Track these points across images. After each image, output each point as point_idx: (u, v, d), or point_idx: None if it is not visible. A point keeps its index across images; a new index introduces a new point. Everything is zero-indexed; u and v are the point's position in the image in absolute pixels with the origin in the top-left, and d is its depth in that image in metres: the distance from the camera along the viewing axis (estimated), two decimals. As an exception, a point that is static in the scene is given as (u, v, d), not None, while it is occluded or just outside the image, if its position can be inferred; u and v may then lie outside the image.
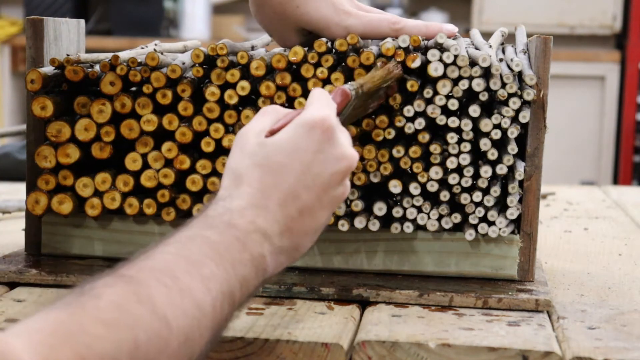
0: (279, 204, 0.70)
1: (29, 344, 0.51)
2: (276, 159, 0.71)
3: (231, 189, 0.71)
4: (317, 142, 0.71)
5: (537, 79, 0.89)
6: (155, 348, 0.56)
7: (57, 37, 0.97)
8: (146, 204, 0.92)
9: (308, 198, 0.71)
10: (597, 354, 0.73)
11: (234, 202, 0.69)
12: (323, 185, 0.72)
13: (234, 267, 0.65)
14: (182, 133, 0.91)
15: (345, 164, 0.72)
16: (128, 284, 0.58)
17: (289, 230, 0.70)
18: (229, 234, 0.67)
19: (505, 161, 0.89)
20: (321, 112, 0.72)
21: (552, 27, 3.90)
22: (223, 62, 0.91)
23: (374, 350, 0.75)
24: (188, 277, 0.61)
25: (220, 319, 0.63)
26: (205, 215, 0.68)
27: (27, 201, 0.93)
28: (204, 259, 0.63)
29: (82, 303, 0.56)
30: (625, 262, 1.08)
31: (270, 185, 0.70)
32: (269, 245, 0.69)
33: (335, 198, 0.73)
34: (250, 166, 0.71)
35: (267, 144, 0.72)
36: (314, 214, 0.72)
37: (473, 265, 0.92)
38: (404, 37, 0.91)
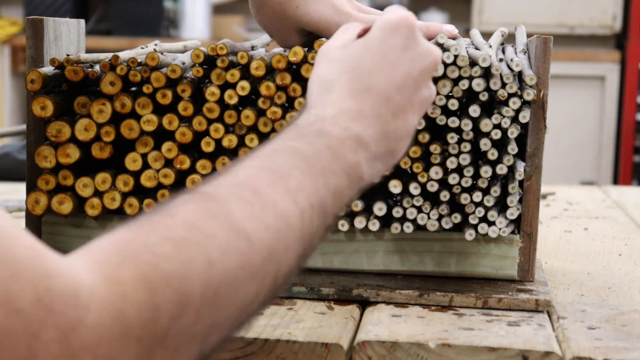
0: (373, 107, 0.69)
1: (91, 263, 0.49)
2: (365, 61, 0.70)
3: (322, 96, 0.69)
4: (403, 40, 0.71)
5: (537, 79, 0.89)
6: (234, 263, 0.54)
7: (57, 37, 0.97)
8: (146, 204, 0.93)
9: (401, 99, 0.70)
10: (597, 354, 0.73)
11: (326, 109, 0.67)
12: (413, 83, 0.71)
13: (325, 177, 0.63)
14: (182, 133, 0.91)
15: (432, 59, 0.73)
16: (204, 201, 0.56)
17: (384, 134, 0.69)
18: (319, 143, 0.64)
19: (505, 161, 0.89)
20: (401, 13, 0.72)
21: (552, 27, 3.91)
22: (223, 62, 0.91)
23: (374, 350, 0.75)
24: (271, 189, 0.59)
25: (310, 232, 0.61)
26: (296, 124, 0.66)
27: (27, 201, 0.93)
28: (290, 170, 0.61)
29: (152, 222, 0.53)
30: (625, 262, 1.08)
31: (362, 88, 0.69)
32: (364, 152, 0.67)
33: (424, 100, 0.73)
34: (339, 72, 0.70)
35: (353, 47, 0.71)
36: (406, 115, 0.71)
37: (473, 265, 0.92)
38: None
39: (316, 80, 0.71)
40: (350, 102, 0.68)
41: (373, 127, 0.68)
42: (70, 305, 0.46)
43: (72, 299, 0.46)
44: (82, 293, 0.47)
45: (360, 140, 0.67)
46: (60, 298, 0.46)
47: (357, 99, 0.68)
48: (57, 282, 0.47)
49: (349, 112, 0.67)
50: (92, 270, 0.49)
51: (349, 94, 0.69)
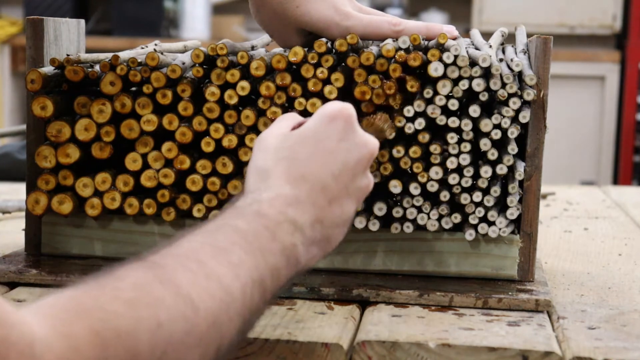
0: (309, 194, 0.70)
1: (42, 317, 0.50)
2: (301, 150, 0.71)
3: (258, 184, 0.70)
4: (340, 131, 0.72)
5: (537, 79, 0.89)
6: (180, 329, 0.55)
7: (57, 37, 0.97)
8: (146, 204, 0.93)
9: (336, 187, 0.71)
10: (597, 354, 0.73)
11: (263, 194, 0.69)
12: (349, 173, 0.72)
13: (264, 255, 0.64)
14: (182, 133, 0.91)
15: (368, 149, 0.73)
16: (150, 268, 0.57)
17: (319, 221, 0.70)
18: (258, 223, 0.66)
19: (505, 161, 0.89)
20: (340, 103, 0.73)
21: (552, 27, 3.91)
22: (223, 62, 0.91)
23: (374, 350, 0.75)
24: (215, 262, 0.60)
25: (250, 307, 0.62)
26: (234, 206, 0.68)
27: (27, 201, 0.93)
28: (231, 246, 0.62)
29: (101, 283, 0.55)
30: (625, 262, 1.08)
31: (298, 176, 0.70)
32: (300, 236, 0.68)
33: (361, 189, 0.74)
34: (275, 161, 0.71)
35: (291, 136, 0.72)
36: (342, 204, 0.72)
37: (473, 265, 0.92)
38: (404, 38, 0.91)
39: (252, 169, 0.72)
40: (286, 188, 0.69)
41: (308, 212, 0.69)
42: (25, 356, 0.47)
43: (27, 349, 0.47)
44: (37, 345, 0.48)
45: (296, 224, 0.68)
46: (16, 347, 0.47)
47: (292, 185, 0.70)
48: (13, 332, 0.47)
49: (284, 197, 0.69)
50: (45, 324, 0.50)
51: (285, 180, 0.70)
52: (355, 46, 0.91)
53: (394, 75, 0.89)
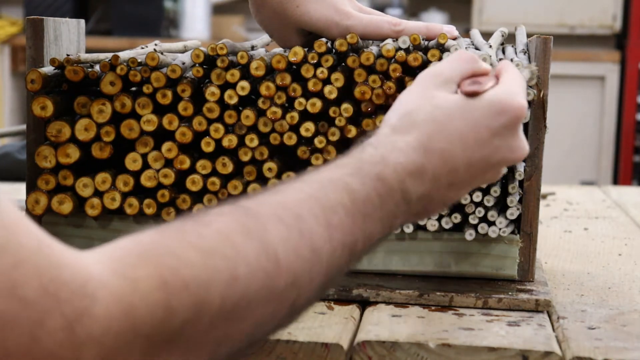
0: (435, 170, 0.67)
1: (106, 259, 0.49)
2: (457, 124, 0.68)
3: (397, 132, 0.68)
4: (501, 126, 0.69)
5: (538, 79, 0.89)
6: (257, 283, 0.54)
7: (57, 37, 0.97)
8: (146, 204, 0.93)
9: (464, 175, 0.69)
10: (597, 354, 0.73)
11: (393, 153, 0.66)
12: (484, 168, 0.70)
13: (365, 221, 0.63)
14: (182, 133, 0.91)
15: (516, 155, 0.71)
16: (243, 216, 0.56)
17: (429, 197, 0.68)
18: (373, 187, 0.64)
19: (505, 161, 0.89)
20: (520, 100, 0.70)
21: (552, 27, 3.91)
22: (223, 62, 0.91)
23: (374, 350, 0.75)
24: (313, 220, 0.59)
25: (335, 268, 0.61)
26: (359, 158, 0.65)
27: (27, 201, 0.93)
28: (337, 205, 0.61)
29: (185, 227, 0.53)
30: (625, 262, 1.08)
31: (437, 149, 0.67)
32: (404, 207, 0.66)
33: (485, 181, 0.72)
34: (429, 118, 0.68)
35: (455, 103, 0.69)
36: (460, 189, 0.70)
37: (473, 265, 0.92)
38: (404, 38, 0.91)
39: (402, 107, 0.69)
40: (418, 156, 0.67)
41: (424, 186, 0.67)
42: (77, 295, 0.46)
43: (79, 289, 0.46)
44: (90, 284, 0.47)
45: (407, 196, 0.66)
46: (66, 287, 0.46)
47: (426, 155, 0.67)
48: (64, 271, 0.46)
49: (411, 165, 0.66)
50: (106, 266, 0.48)
51: (421, 146, 0.67)
52: (355, 46, 0.91)
53: (394, 75, 0.89)
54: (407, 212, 0.67)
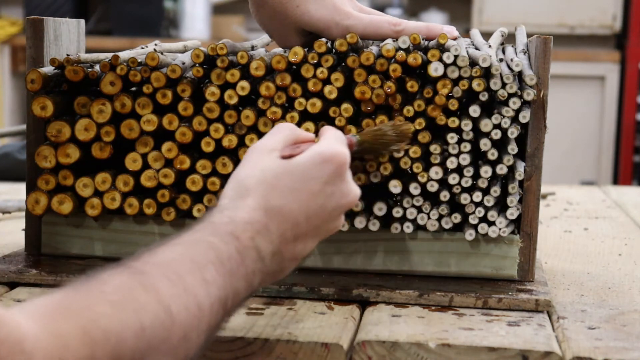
0: (279, 227, 0.71)
1: (32, 317, 0.51)
2: (286, 182, 0.72)
3: (236, 199, 0.71)
4: (329, 175, 0.73)
5: (537, 79, 0.89)
6: (159, 336, 0.57)
7: (57, 37, 0.97)
8: (146, 204, 0.93)
9: (307, 227, 0.72)
10: (597, 354, 0.73)
11: (238, 214, 0.70)
12: (324, 217, 0.73)
13: (231, 277, 0.66)
14: (182, 133, 0.91)
15: (349, 199, 0.74)
16: (134, 274, 0.59)
17: (280, 254, 0.71)
18: (231, 245, 0.67)
19: (505, 161, 0.90)
20: (338, 147, 0.74)
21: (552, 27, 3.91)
22: (223, 62, 0.91)
23: (374, 350, 0.75)
24: (191, 277, 0.62)
25: (214, 325, 0.64)
26: (211, 221, 0.69)
27: (27, 201, 0.93)
28: (207, 263, 0.64)
29: (88, 286, 0.56)
30: (625, 262, 1.08)
31: (274, 206, 0.71)
32: (260, 265, 0.69)
33: (329, 230, 0.75)
34: (259, 181, 0.71)
35: (280, 164, 0.72)
36: (306, 241, 0.73)
37: (473, 265, 0.92)
38: (404, 38, 0.91)
39: (234, 180, 0.73)
40: (260, 216, 0.70)
41: (273, 244, 0.70)
42: (16, 352, 0.48)
43: (17, 346, 0.48)
44: (26, 342, 0.49)
45: (260, 253, 0.69)
46: (5, 345, 0.48)
47: (267, 215, 0.70)
48: (1, 329, 0.48)
49: (257, 224, 0.70)
50: (35, 323, 0.50)
51: (260, 207, 0.70)
52: (355, 46, 0.91)
53: (394, 75, 0.89)
54: (264, 270, 0.70)
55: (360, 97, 0.90)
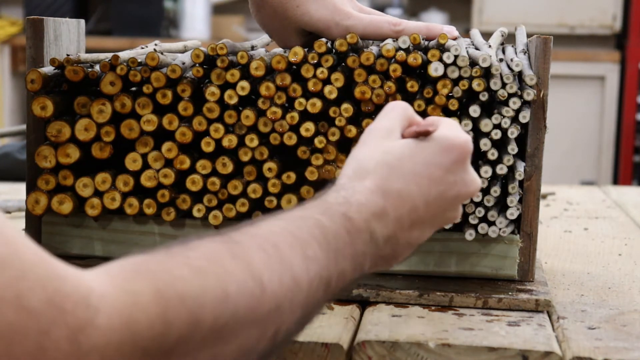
0: (396, 211, 0.69)
1: (105, 274, 0.50)
2: (408, 165, 0.70)
3: (354, 180, 0.69)
4: (452, 162, 0.71)
5: (537, 79, 0.89)
6: (246, 303, 0.55)
7: (57, 37, 0.97)
8: (146, 204, 0.93)
9: (425, 214, 0.70)
10: (597, 354, 0.73)
11: (355, 195, 0.68)
12: (443, 205, 0.71)
13: (337, 257, 0.64)
14: (182, 133, 0.91)
15: (471, 189, 0.72)
16: (226, 242, 0.58)
17: (395, 239, 0.69)
18: (341, 225, 0.65)
19: (505, 161, 0.90)
20: (463, 135, 0.72)
21: (552, 27, 3.91)
22: (223, 62, 0.91)
23: (374, 350, 0.75)
24: (290, 251, 0.60)
25: (313, 302, 0.62)
26: (324, 200, 0.67)
27: (27, 201, 0.93)
28: (310, 239, 0.62)
29: (172, 251, 0.55)
30: (625, 262, 1.08)
31: (393, 190, 0.69)
32: (373, 248, 0.67)
33: (447, 219, 0.73)
34: (380, 162, 0.70)
35: (403, 146, 0.71)
36: (423, 229, 0.71)
37: (473, 265, 0.92)
38: (404, 38, 0.91)
39: (354, 160, 0.71)
40: (378, 198, 0.68)
41: (388, 228, 0.68)
42: (80, 306, 0.47)
43: (82, 300, 0.47)
44: (93, 296, 0.48)
45: (373, 236, 0.67)
46: (70, 298, 0.47)
47: (384, 197, 0.68)
48: (66, 283, 0.47)
49: (373, 206, 0.68)
50: (105, 280, 0.49)
51: (379, 188, 0.69)
52: (355, 46, 0.91)
53: (394, 75, 0.89)
54: (376, 254, 0.68)
55: (361, 97, 0.90)
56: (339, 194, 0.68)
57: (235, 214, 0.92)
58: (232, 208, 0.92)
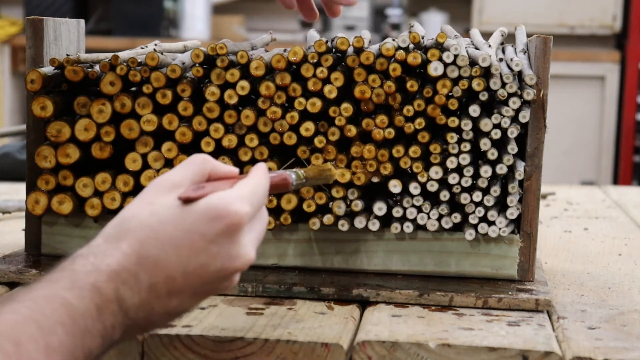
0: (151, 279, 0.65)
1: None
2: (169, 230, 0.65)
3: (110, 242, 0.66)
4: (216, 234, 0.66)
5: (537, 78, 0.89)
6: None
7: (57, 37, 0.97)
8: (146, 204, 0.92)
9: (183, 284, 0.66)
10: (597, 354, 0.73)
11: (106, 260, 0.64)
12: (205, 277, 0.66)
13: (84, 337, 0.61)
14: (182, 133, 0.91)
15: (237, 264, 0.67)
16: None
17: (149, 307, 0.65)
18: (90, 300, 0.62)
19: (505, 161, 0.89)
20: (235, 205, 0.66)
21: (552, 27, 3.90)
22: (223, 62, 0.91)
23: (374, 350, 0.75)
24: (33, 345, 0.57)
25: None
26: (72, 269, 0.64)
27: (27, 201, 0.93)
28: (55, 325, 0.59)
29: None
30: (625, 262, 1.08)
31: (150, 255, 0.65)
32: (122, 318, 0.64)
33: (211, 291, 0.68)
34: (142, 224, 0.66)
35: (171, 208, 0.66)
36: (183, 299, 0.67)
37: (473, 265, 0.92)
38: (403, 37, 0.91)
39: (121, 216, 0.67)
40: (132, 263, 0.64)
41: (140, 295, 0.65)
42: None
43: None
44: None
45: (122, 305, 0.64)
46: None
47: (139, 263, 0.64)
48: None
49: (125, 273, 0.64)
50: None
51: (134, 253, 0.65)
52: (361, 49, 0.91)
53: (394, 74, 0.89)
54: (127, 323, 0.65)
55: (360, 97, 0.90)
56: (87, 260, 0.64)
57: (235, 213, 0.92)
58: (232, 208, 0.92)
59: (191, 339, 0.75)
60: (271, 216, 0.92)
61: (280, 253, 0.94)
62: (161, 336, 0.76)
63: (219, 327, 0.77)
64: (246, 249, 0.68)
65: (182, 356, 0.75)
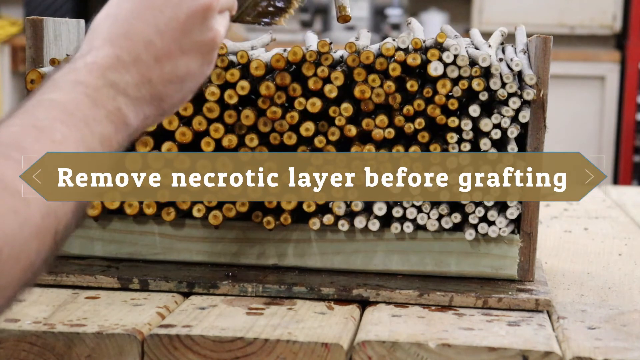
0: (131, 53, 0.66)
1: None
2: (126, 5, 0.67)
3: (82, 51, 0.67)
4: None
5: (537, 78, 0.89)
6: (12, 224, 0.53)
7: (57, 37, 0.97)
8: (146, 204, 0.92)
9: (162, 43, 0.67)
10: (597, 354, 0.73)
11: (81, 60, 0.65)
12: (178, 28, 0.67)
13: (88, 125, 0.61)
14: (182, 133, 0.91)
15: (201, 2, 0.68)
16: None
17: (146, 80, 0.66)
18: (76, 92, 0.62)
19: (505, 161, 0.89)
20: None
21: (552, 27, 3.90)
22: (223, 61, 0.91)
23: (374, 350, 0.75)
24: (38, 145, 0.58)
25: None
26: (52, 78, 0.64)
27: (27, 201, 0.93)
28: (53, 122, 0.59)
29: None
30: (625, 262, 1.08)
31: (120, 34, 0.66)
32: (123, 98, 0.65)
33: (200, 43, 0.69)
34: (103, 17, 0.68)
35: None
36: (174, 60, 0.68)
37: (473, 265, 0.92)
38: (403, 38, 0.91)
39: (91, 26, 0.69)
40: (108, 50, 0.65)
41: (131, 72, 0.66)
42: None
43: None
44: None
45: (117, 87, 0.64)
46: None
47: (114, 45, 0.66)
48: None
49: (104, 58, 0.65)
50: None
51: (107, 40, 0.66)
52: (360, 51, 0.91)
53: (394, 74, 0.89)
54: (135, 103, 0.65)
55: (360, 96, 0.90)
56: (63, 69, 0.65)
57: (235, 213, 0.92)
58: (232, 208, 0.92)
59: (191, 339, 0.75)
60: (271, 216, 0.92)
61: (280, 253, 0.94)
62: (161, 336, 0.76)
63: (219, 327, 0.77)
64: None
65: (182, 356, 0.75)
